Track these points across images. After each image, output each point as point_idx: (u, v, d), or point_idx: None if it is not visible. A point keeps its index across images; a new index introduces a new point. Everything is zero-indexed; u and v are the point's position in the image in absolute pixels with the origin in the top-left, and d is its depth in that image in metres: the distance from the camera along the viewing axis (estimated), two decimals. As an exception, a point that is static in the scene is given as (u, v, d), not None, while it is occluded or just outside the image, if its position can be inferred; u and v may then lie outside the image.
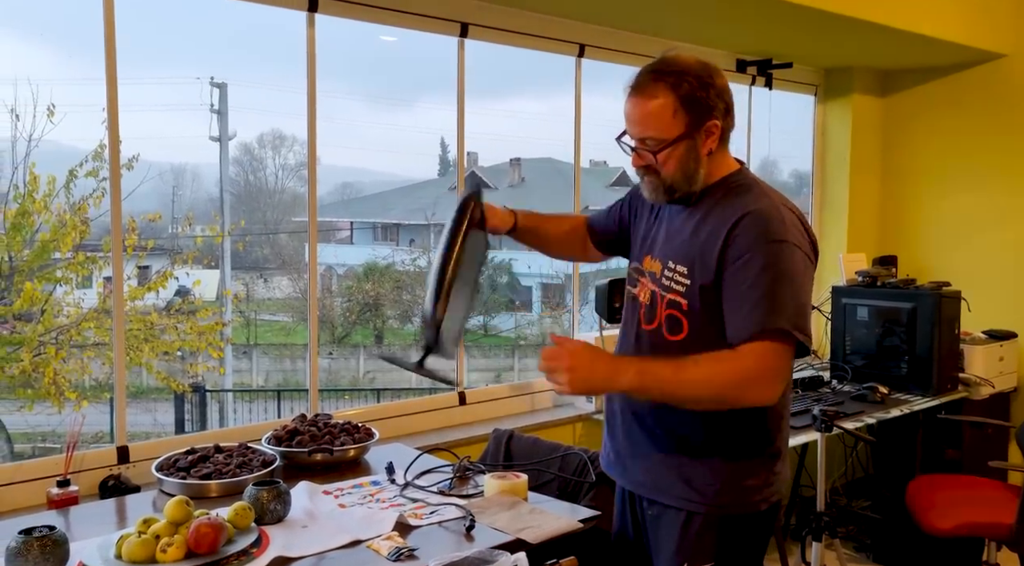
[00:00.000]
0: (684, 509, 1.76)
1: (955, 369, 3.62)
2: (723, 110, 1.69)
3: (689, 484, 1.74)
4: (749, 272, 1.59)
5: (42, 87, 7.84)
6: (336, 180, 17.92)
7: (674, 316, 1.71)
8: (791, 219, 1.66)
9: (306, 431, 2.39)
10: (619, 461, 1.89)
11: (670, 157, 1.67)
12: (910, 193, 4.46)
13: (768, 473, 1.75)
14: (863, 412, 3.23)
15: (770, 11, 3.11)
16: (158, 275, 8.18)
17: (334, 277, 14.71)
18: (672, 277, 1.73)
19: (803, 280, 1.62)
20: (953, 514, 2.91)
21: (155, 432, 9.66)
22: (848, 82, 4.37)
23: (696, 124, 1.66)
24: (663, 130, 1.66)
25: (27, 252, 7.05)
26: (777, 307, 1.56)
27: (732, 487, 1.72)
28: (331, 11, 2.69)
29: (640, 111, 1.67)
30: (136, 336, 7.85)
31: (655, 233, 1.85)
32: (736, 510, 1.74)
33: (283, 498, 1.91)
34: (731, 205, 1.67)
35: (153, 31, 13.12)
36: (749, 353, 1.57)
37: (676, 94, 1.64)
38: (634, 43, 3.49)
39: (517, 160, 16.17)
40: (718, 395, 1.58)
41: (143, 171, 8.27)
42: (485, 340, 13.66)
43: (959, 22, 3.74)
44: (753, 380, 1.57)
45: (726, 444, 1.72)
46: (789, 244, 1.61)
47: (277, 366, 12.92)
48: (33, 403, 6.95)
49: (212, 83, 10.61)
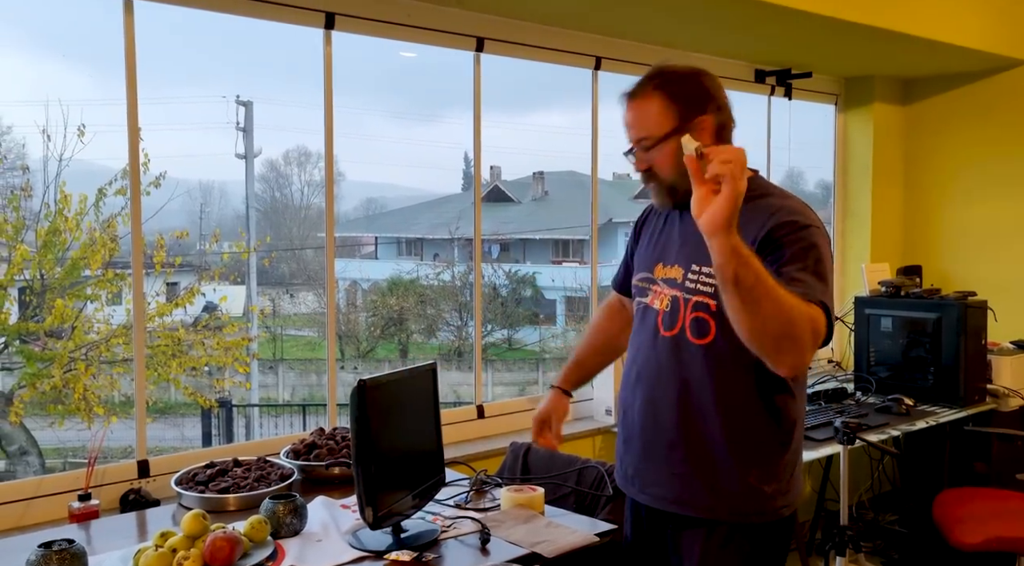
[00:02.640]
0: (706, 519, 1.74)
1: (982, 380, 3.55)
2: (715, 107, 1.72)
3: (713, 493, 1.73)
4: (792, 247, 1.61)
5: (72, 107, 8.01)
6: (361, 196, 18.09)
7: (701, 318, 1.71)
8: (813, 214, 1.71)
9: (324, 444, 2.40)
10: (637, 475, 1.85)
11: (664, 153, 1.71)
12: (934, 202, 4.41)
13: (788, 478, 1.76)
14: (888, 424, 3.18)
15: (788, 21, 3.09)
16: (186, 291, 8.28)
17: (359, 292, 14.80)
18: (697, 279, 1.73)
19: (830, 263, 1.67)
20: (981, 529, 2.85)
21: (182, 447, 9.77)
22: (869, 91, 4.33)
23: (686, 118, 1.70)
24: (654, 127, 1.71)
25: (58, 270, 7.17)
26: (817, 283, 1.59)
27: (754, 494, 1.72)
28: (347, 28, 2.72)
29: (632, 114, 1.75)
30: (164, 352, 7.94)
31: (664, 242, 1.85)
32: (758, 518, 1.73)
33: (299, 512, 1.92)
34: (756, 207, 1.67)
35: (181, 52, 13.35)
36: (812, 310, 1.54)
37: (664, 92, 1.71)
38: (651, 55, 3.49)
39: (540, 174, 16.22)
40: (784, 327, 1.48)
41: (171, 189, 8.39)
42: (509, 354, 13.66)
43: (980, 29, 3.70)
44: (809, 335, 1.52)
45: (747, 449, 1.71)
46: (821, 230, 1.67)
47: (303, 381, 13.01)
48: (63, 419, 7.05)
49: (238, 101, 10.77)
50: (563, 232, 15.21)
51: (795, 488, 1.79)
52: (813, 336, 1.53)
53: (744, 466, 1.71)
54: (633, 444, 1.86)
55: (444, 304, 13.82)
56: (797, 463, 1.80)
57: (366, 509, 1.77)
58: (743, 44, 3.57)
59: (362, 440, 1.76)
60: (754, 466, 1.72)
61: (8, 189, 7.26)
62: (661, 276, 1.82)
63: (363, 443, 1.76)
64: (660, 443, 1.79)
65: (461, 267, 13.74)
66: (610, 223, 13.79)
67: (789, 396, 1.74)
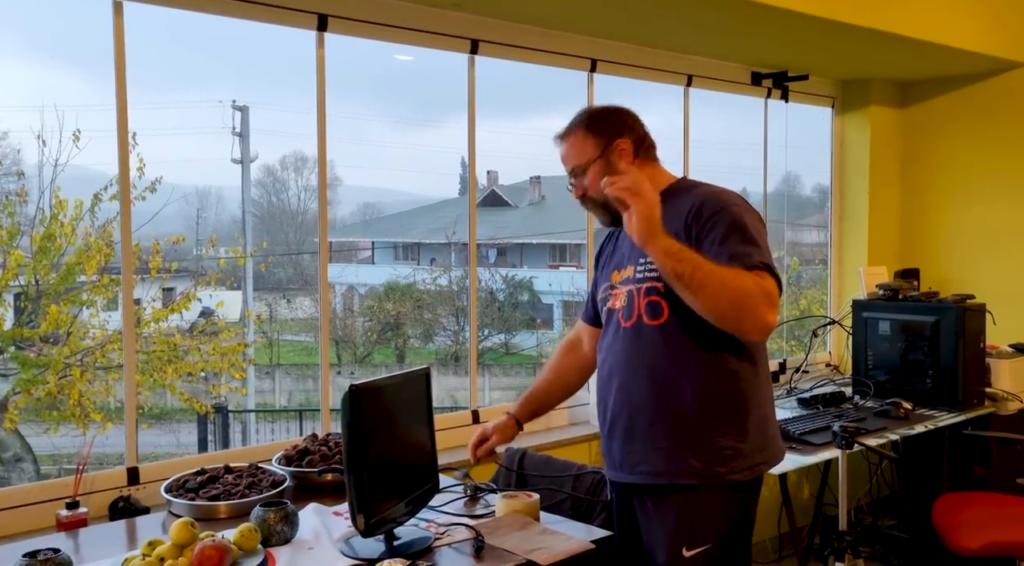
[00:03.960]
0: (684, 485, 1.87)
1: (981, 384, 3.54)
2: (629, 132, 1.99)
3: (696, 458, 1.87)
4: (718, 229, 1.81)
5: (68, 112, 8.00)
6: (358, 200, 18.05)
7: (653, 301, 1.89)
8: (738, 196, 1.91)
9: (317, 450, 2.38)
10: (625, 460, 1.97)
11: (592, 177, 1.97)
12: (931, 205, 4.40)
13: (761, 436, 1.92)
14: (886, 428, 3.16)
15: (785, 23, 3.08)
16: (182, 297, 8.25)
17: (355, 297, 14.77)
18: (645, 267, 1.91)
19: (762, 230, 1.86)
20: (981, 533, 2.83)
21: (178, 453, 9.73)
22: (866, 94, 4.32)
23: (606, 144, 1.97)
24: (580, 156, 2.00)
25: (53, 275, 7.14)
26: (752, 249, 1.78)
27: (733, 453, 1.87)
28: (340, 30, 2.70)
29: (564, 150, 2.05)
30: (160, 357, 7.91)
31: (617, 255, 2.06)
32: (737, 476, 1.88)
33: (290, 519, 1.89)
34: (683, 198, 1.90)
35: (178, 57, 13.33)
36: (756, 275, 1.74)
37: (584, 126, 2.01)
38: (647, 57, 3.48)
39: (537, 178, 16.19)
40: (734, 299, 1.71)
41: (167, 194, 8.37)
42: (506, 358, 13.62)
43: (977, 31, 3.69)
44: (763, 296, 1.72)
45: (719, 413, 1.87)
46: (743, 207, 1.87)
47: (300, 386, 12.97)
48: (58, 425, 7.01)
49: (234, 106, 10.73)
50: (560, 236, 15.18)
51: (771, 446, 1.95)
52: (766, 297, 1.72)
53: (719, 430, 1.87)
54: (616, 431, 1.99)
55: (441, 309, 13.78)
56: (769, 420, 1.96)
57: (358, 516, 1.74)
58: (740, 46, 3.55)
59: (354, 446, 1.74)
60: (728, 428, 1.87)
61: (3, 194, 7.24)
62: (618, 280, 2.02)
63: (355, 449, 1.74)
64: (640, 423, 1.93)
65: (458, 271, 13.72)
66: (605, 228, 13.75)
67: (748, 361, 1.91)
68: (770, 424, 1.97)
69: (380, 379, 1.92)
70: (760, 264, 1.75)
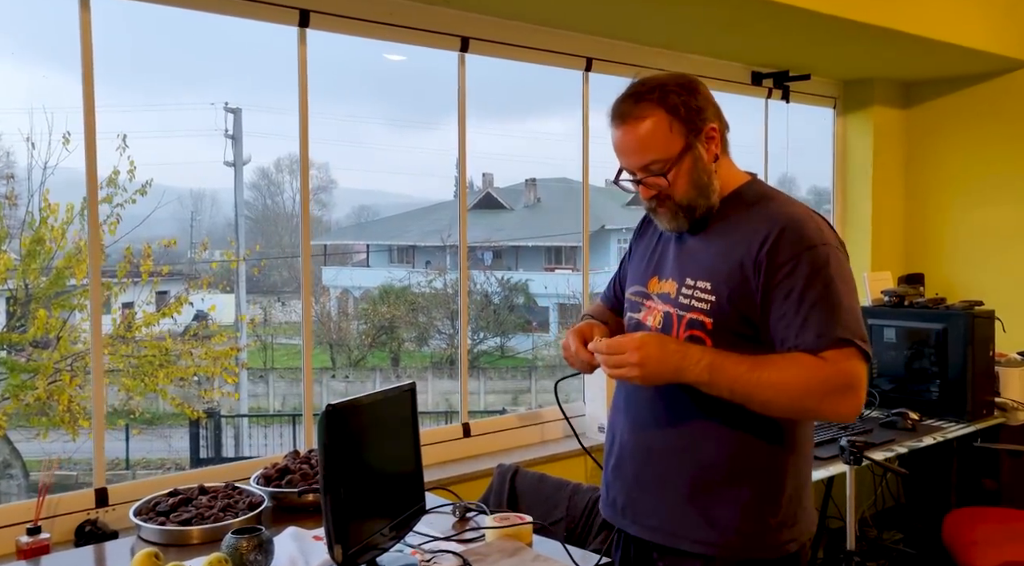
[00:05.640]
0: (702, 556, 1.59)
1: (990, 393, 3.42)
2: (714, 112, 1.61)
3: (711, 525, 1.58)
4: (797, 280, 1.50)
5: (57, 115, 7.91)
6: (353, 203, 17.96)
7: (695, 337, 1.57)
8: (823, 222, 1.59)
9: (297, 469, 2.26)
10: (629, 505, 1.69)
11: (680, 174, 1.57)
12: (935, 208, 4.29)
13: (795, 508, 1.60)
14: (893, 441, 3.05)
15: (786, 19, 2.97)
16: (174, 300, 8.16)
17: (350, 300, 14.66)
18: (692, 294, 1.59)
19: (852, 282, 1.56)
20: (996, 552, 2.72)
21: (169, 459, 9.60)
22: (868, 94, 4.21)
23: (695, 131, 1.57)
24: (665, 148, 1.56)
25: (43, 279, 7.05)
26: (837, 315, 1.49)
27: (756, 526, 1.57)
28: (323, 26, 2.58)
29: (633, 138, 1.57)
30: (151, 362, 7.82)
31: (660, 254, 1.72)
32: (760, 553, 1.58)
33: (265, 547, 1.77)
34: (757, 215, 1.57)
35: (170, 58, 13.22)
36: (830, 361, 1.47)
37: (665, 107, 1.55)
38: (644, 56, 3.36)
39: (532, 180, 16.11)
40: (796, 402, 1.49)
41: (158, 197, 8.26)
42: (501, 362, 13.52)
43: (984, 29, 3.58)
44: (836, 390, 1.47)
45: (748, 477, 1.57)
46: (831, 246, 1.54)
47: (294, 390, 12.85)
48: (48, 430, 6.90)
49: (226, 108, 10.63)
50: (556, 239, 15.10)
51: (804, 520, 1.63)
52: (844, 388, 1.47)
53: (745, 495, 1.56)
54: (623, 471, 1.70)
55: (436, 312, 13.68)
56: (804, 491, 1.64)
57: (335, 547, 1.62)
58: (740, 45, 3.45)
59: (331, 472, 1.61)
60: (756, 495, 1.56)
61: (-7, 198, 7.15)
62: (656, 291, 1.68)
63: (333, 475, 1.61)
64: (652, 471, 1.64)
65: (453, 274, 13.62)
66: (602, 230, 13.67)
67: (792, 421, 1.60)
68: (805, 494, 1.64)
69: (360, 397, 1.79)
70: (843, 340, 1.47)
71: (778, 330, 1.51)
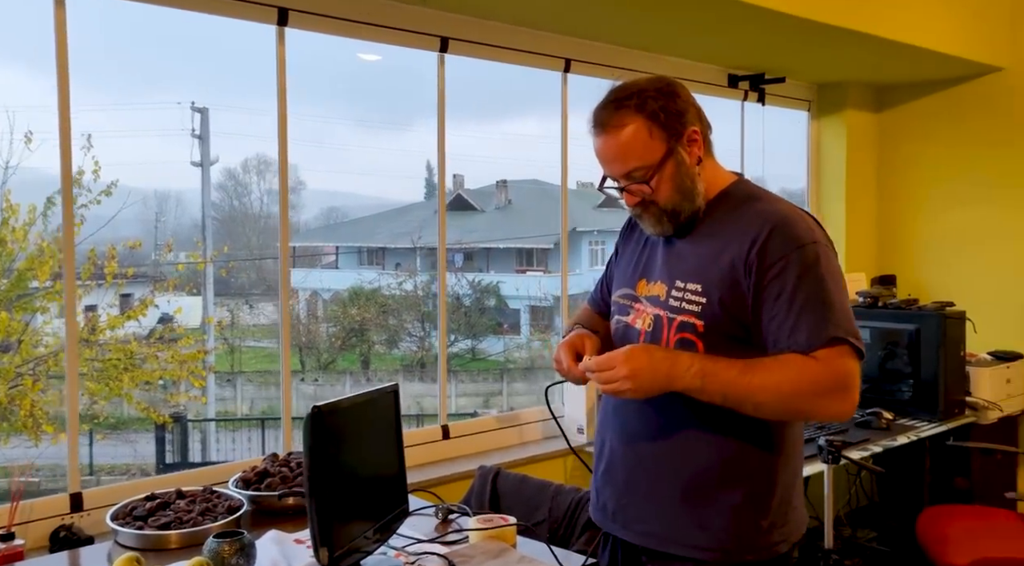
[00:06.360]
0: (693, 560, 1.58)
1: (962, 392, 3.48)
2: (695, 114, 1.59)
3: (703, 530, 1.57)
4: (788, 280, 1.49)
5: (19, 114, 7.75)
6: (322, 204, 17.79)
7: (686, 339, 1.55)
8: (811, 220, 1.58)
9: (277, 472, 2.22)
10: (620, 510, 1.68)
11: (663, 180, 1.56)
12: (907, 210, 4.35)
13: (786, 509, 1.60)
14: (868, 440, 3.09)
15: (763, 22, 2.99)
16: (138, 303, 8.03)
17: (319, 302, 14.53)
18: (682, 297, 1.57)
19: (841, 279, 1.55)
20: (969, 549, 2.76)
21: (135, 464, 9.44)
22: (842, 97, 4.26)
23: (675, 136, 1.55)
24: (646, 155, 1.55)
25: (4, 282, 6.90)
26: (828, 314, 1.48)
27: (748, 529, 1.56)
28: (302, 25, 2.55)
29: (615, 145, 1.56)
30: (116, 366, 7.68)
31: (648, 256, 1.70)
32: (752, 556, 1.57)
33: (247, 551, 1.75)
34: (746, 215, 1.57)
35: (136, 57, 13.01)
36: (822, 360, 1.47)
37: (644, 114, 1.54)
38: (622, 57, 3.37)
39: (504, 182, 16.09)
40: (789, 404, 1.49)
41: (123, 197, 8.13)
42: (473, 364, 13.48)
43: (955, 34, 3.64)
44: (829, 390, 1.47)
45: (739, 480, 1.56)
46: (820, 244, 1.53)
47: (262, 393, 12.70)
48: (9, 436, 6.76)
49: (193, 108, 10.48)
50: (527, 241, 15.10)
51: (793, 519, 1.62)
52: (837, 388, 1.47)
53: (736, 499, 1.56)
54: (613, 477, 1.69)
55: (406, 314, 13.61)
56: (794, 491, 1.64)
57: (320, 550, 1.59)
58: (716, 47, 3.47)
59: (317, 473, 1.59)
60: (747, 498, 1.56)
61: (-48, 199, 6.99)
62: (644, 294, 1.66)
63: (318, 476, 1.59)
64: (643, 477, 1.63)
65: (423, 276, 13.56)
66: (574, 232, 13.71)
67: (784, 424, 1.60)
68: (795, 494, 1.64)
69: (345, 398, 1.77)
70: (836, 338, 1.46)
71: (770, 331, 1.51)
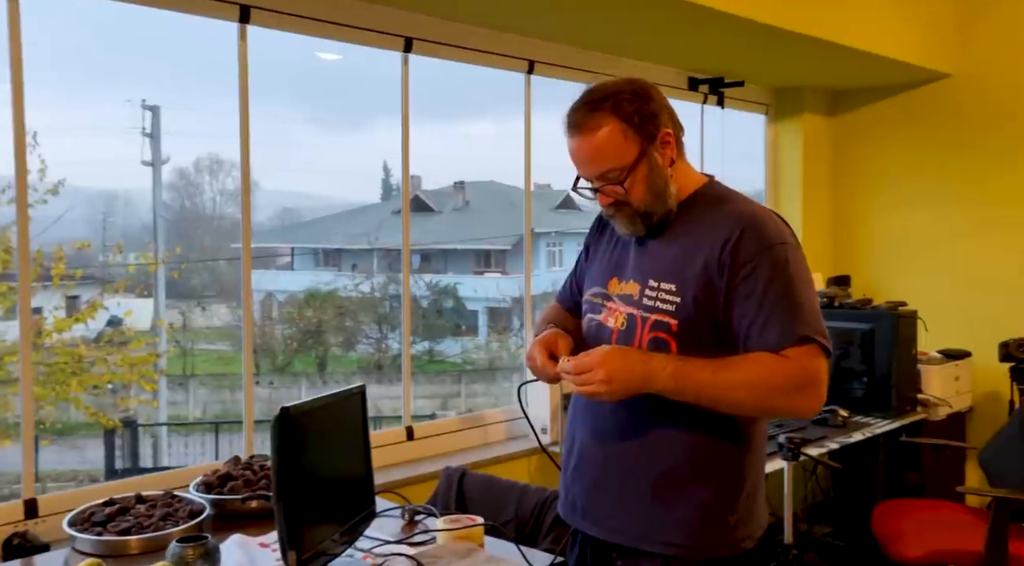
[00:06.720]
0: (662, 555, 1.60)
1: (913, 390, 3.57)
2: (669, 117, 1.62)
3: (673, 526, 1.59)
4: (759, 280, 1.52)
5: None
6: (277, 205, 17.55)
7: (660, 338, 1.57)
8: (780, 221, 1.62)
9: (240, 475, 2.19)
10: (589, 507, 1.69)
11: (636, 181, 1.58)
12: (861, 212, 4.45)
13: (751, 505, 1.64)
14: (826, 437, 3.15)
15: (723, 27, 3.04)
16: (87, 305, 7.85)
17: (275, 304, 14.34)
18: (656, 296, 1.59)
19: (810, 279, 1.59)
20: (921, 542, 2.83)
21: (82, 470, 9.20)
22: (799, 102, 4.34)
23: (649, 138, 1.58)
24: (620, 157, 1.57)
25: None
26: (798, 313, 1.51)
27: (715, 525, 1.59)
28: (264, 22, 2.52)
29: (590, 146, 1.58)
30: (63, 370, 7.50)
31: (620, 255, 1.72)
32: (719, 552, 1.60)
33: (211, 555, 1.72)
34: (718, 215, 1.60)
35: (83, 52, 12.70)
36: (792, 358, 1.50)
37: (619, 116, 1.56)
38: (585, 60, 3.39)
39: (461, 183, 16.05)
40: (761, 402, 1.52)
41: (71, 197, 7.94)
42: (430, 366, 13.42)
43: (907, 42, 3.74)
44: (799, 387, 1.50)
45: (708, 476, 1.59)
46: (790, 246, 1.57)
47: (215, 397, 12.49)
48: (-52, 441, 6.56)
49: (144, 106, 10.26)
50: (485, 242, 15.09)
51: (757, 515, 1.66)
52: (806, 385, 1.50)
53: (704, 494, 1.58)
54: (583, 474, 1.70)
55: (363, 316, 13.50)
56: (759, 488, 1.67)
57: (289, 553, 1.57)
58: (678, 50, 3.51)
59: (284, 476, 1.57)
60: (716, 494, 1.59)
61: None
62: (616, 292, 1.68)
63: (285, 480, 1.57)
64: (612, 473, 1.64)
65: (380, 278, 13.45)
66: (532, 233, 13.71)
67: (751, 421, 1.63)
68: (759, 491, 1.68)
69: (313, 400, 1.75)
70: (805, 337, 1.49)
71: (741, 329, 1.54)
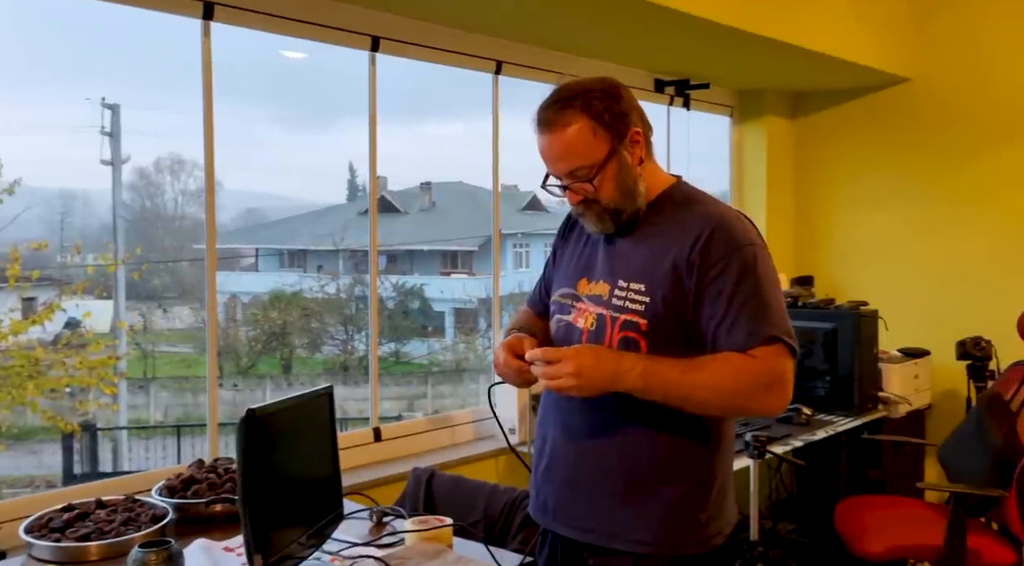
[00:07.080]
0: (633, 554, 1.60)
1: (875, 388, 3.63)
2: (638, 116, 1.64)
3: (645, 524, 1.60)
4: (727, 281, 1.54)
5: (-91, 106, 7.32)
6: (240, 206, 17.34)
7: (630, 338, 1.58)
8: (748, 222, 1.64)
9: (204, 479, 2.15)
10: (560, 507, 1.69)
11: (605, 179, 1.59)
12: (823, 213, 4.51)
13: (721, 502, 1.65)
14: (790, 435, 3.19)
15: (690, 29, 3.06)
16: (43, 307, 7.70)
17: (239, 306, 14.16)
18: (626, 296, 1.60)
19: (777, 280, 1.61)
20: (882, 537, 2.88)
21: (39, 475, 9.01)
22: (762, 104, 4.40)
23: (619, 136, 1.59)
24: (590, 155, 1.58)
25: None
26: (765, 314, 1.53)
27: (686, 522, 1.61)
28: (228, 19, 2.49)
29: (560, 144, 1.58)
30: (19, 373, 7.36)
31: (588, 256, 1.73)
32: (691, 549, 1.61)
33: (174, 560, 1.68)
34: (687, 216, 1.61)
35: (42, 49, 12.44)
36: (759, 358, 1.52)
37: (589, 114, 1.57)
38: (552, 61, 3.40)
39: (427, 184, 15.99)
40: (729, 401, 1.54)
41: (27, 197, 7.79)
42: (396, 368, 13.35)
43: (867, 45, 3.80)
44: (766, 386, 1.52)
45: (677, 475, 1.60)
46: (758, 246, 1.59)
47: (177, 400, 12.30)
48: None
49: (103, 104, 10.07)
50: (451, 243, 15.05)
51: (727, 511, 1.68)
52: (772, 385, 1.52)
53: (675, 493, 1.60)
54: (553, 474, 1.70)
55: (329, 317, 13.39)
56: (728, 485, 1.69)
57: (255, 557, 1.55)
58: (644, 52, 3.53)
59: (250, 479, 1.55)
60: (686, 492, 1.60)
61: None
62: (585, 293, 1.69)
63: (251, 482, 1.55)
64: (583, 473, 1.65)
65: (346, 279, 13.35)
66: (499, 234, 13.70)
67: (720, 420, 1.65)
68: (728, 488, 1.70)
69: (280, 401, 1.73)
70: (772, 337, 1.51)
71: (709, 329, 1.55)
